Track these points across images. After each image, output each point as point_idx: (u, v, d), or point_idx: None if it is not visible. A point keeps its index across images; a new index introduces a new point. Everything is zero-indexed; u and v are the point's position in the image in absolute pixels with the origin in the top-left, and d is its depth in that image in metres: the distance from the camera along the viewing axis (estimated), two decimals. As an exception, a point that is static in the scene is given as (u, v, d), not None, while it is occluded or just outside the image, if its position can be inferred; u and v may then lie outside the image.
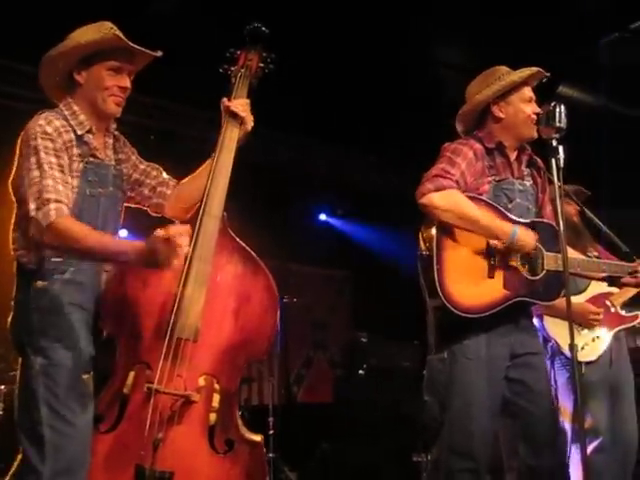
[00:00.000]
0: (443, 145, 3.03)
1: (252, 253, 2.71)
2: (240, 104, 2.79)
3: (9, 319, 2.43)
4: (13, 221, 2.45)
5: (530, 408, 2.91)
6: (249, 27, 2.96)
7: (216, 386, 2.55)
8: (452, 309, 2.77)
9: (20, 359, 2.41)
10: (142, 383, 2.48)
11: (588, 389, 3.47)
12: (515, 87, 3.03)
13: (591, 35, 5.36)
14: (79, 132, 2.50)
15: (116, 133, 2.70)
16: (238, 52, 2.94)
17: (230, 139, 2.76)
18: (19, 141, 2.46)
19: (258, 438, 2.63)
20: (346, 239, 7.98)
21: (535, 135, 2.98)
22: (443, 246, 2.84)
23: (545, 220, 3.08)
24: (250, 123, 2.81)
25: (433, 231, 2.85)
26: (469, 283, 2.83)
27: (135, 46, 2.54)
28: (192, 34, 2.54)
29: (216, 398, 2.54)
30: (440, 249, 2.82)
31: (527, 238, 2.86)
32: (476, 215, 2.83)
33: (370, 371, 6.19)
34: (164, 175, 2.83)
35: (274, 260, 2.79)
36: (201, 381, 2.53)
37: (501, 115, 3.03)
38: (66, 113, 2.51)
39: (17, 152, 2.46)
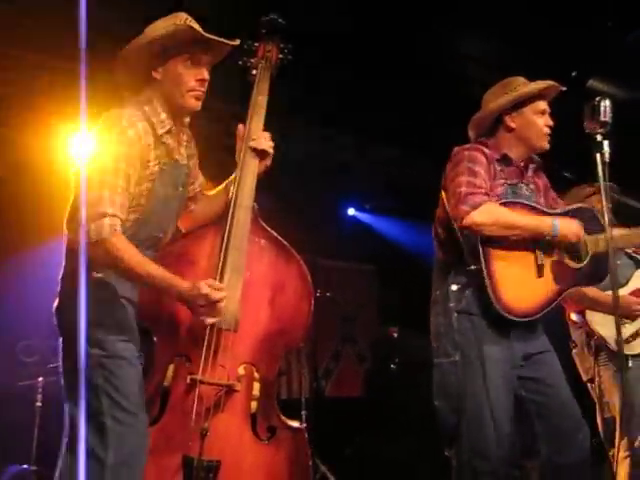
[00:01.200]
0: (454, 151, 3.04)
1: (284, 242, 2.74)
2: (265, 138, 2.76)
3: (55, 306, 2.40)
4: (70, 208, 2.37)
5: (548, 403, 2.90)
6: (265, 19, 2.98)
7: (256, 375, 2.59)
8: (511, 317, 2.79)
9: (63, 347, 2.37)
10: (183, 375, 2.51)
11: (635, 382, 3.46)
12: (529, 99, 3.05)
13: (620, 29, 5.31)
14: (159, 132, 2.45)
15: (186, 128, 2.64)
16: (256, 44, 2.96)
17: (249, 168, 2.72)
18: (96, 129, 2.40)
19: (298, 424, 2.67)
20: (374, 233, 7.97)
21: (546, 147, 3.03)
22: (490, 258, 2.84)
23: (576, 205, 3.10)
24: (271, 157, 2.78)
25: (477, 245, 2.84)
26: (522, 288, 2.85)
27: (211, 36, 2.48)
28: (220, 27, 2.55)
29: (256, 386, 2.57)
30: (488, 262, 2.83)
31: (570, 228, 2.89)
32: (518, 221, 2.85)
33: (401, 366, 6.18)
34: (200, 188, 2.80)
35: (302, 254, 2.80)
36: (241, 370, 2.56)
37: (513, 125, 3.05)
38: (146, 108, 2.46)
39: (92, 140, 2.39)
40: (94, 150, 2.36)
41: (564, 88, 3.11)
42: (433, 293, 3.06)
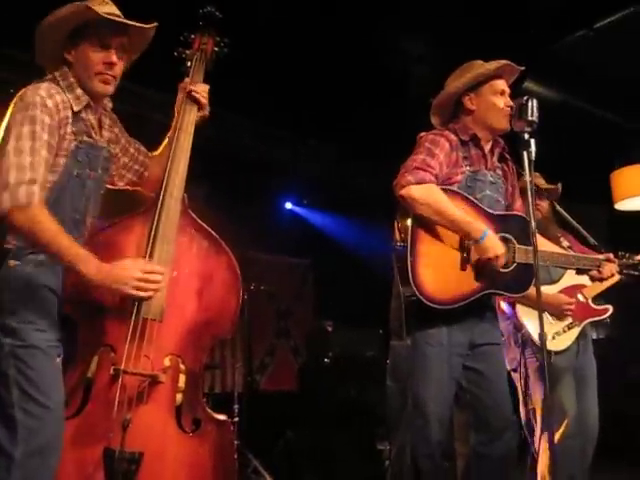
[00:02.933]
0: (419, 134, 3.06)
1: (213, 233, 2.71)
2: (202, 89, 2.80)
3: None
4: None
5: (484, 397, 2.96)
6: (202, 11, 2.98)
7: (181, 366, 2.56)
8: (423, 300, 2.80)
9: None
10: (107, 366, 2.46)
11: (556, 378, 3.53)
12: (486, 79, 3.08)
13: (558, 32, 5.44)
14: (76, 108, 2.41)
15: (109, 111, 2.62)
16: (192, 36, 2.96)
17: (188, 122, 2.77)
18: (12, 106, 2.34)
19: (224, 417, 2.64)
20: (311, 228, 8.00)
21: (507, 127, 3.02)
22: (418, 238, 2.87)
23: (517, 213, 3.13)
24: (207, 109, 2.82)
25: (408, 222, 2.88)
26: (441, 275, 2.87)
27: (112, 18, 2.42)
28: (156, 15, 2.54)
29: (182, 378, 2.54)
30: (415, 241, 2.86)
31: (493, 245, 2.87)
32: (452, 213, 2.87)
33: (335, 360, 6.22)
34: (147, 158, 2.81)
35: (239, 248, 2.80)
36: (166, 361, 2.53)
37: (472, 107, 3.09)
38: (62, 84, 2.41)
39: (7, 118, 2.33)
40: (17, 120, 2.29)
41: (522, 68, 3.13)
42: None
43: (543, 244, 3.13)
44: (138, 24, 2.50)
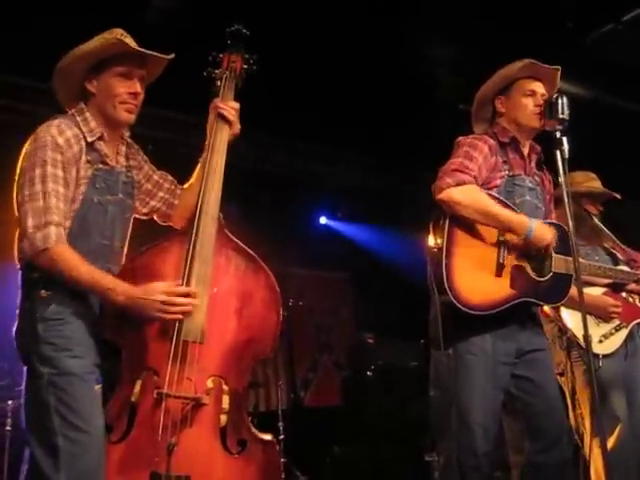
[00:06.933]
0: (457, 139, 3.04)
1: (251, 252, 2.70)
2: (232, 107, 2.81)
3: (14, 328, 2.40)
4: (19, 230, 2.39)
5: (536, 404, 2.91)
6: (230, 29, 2.99)
7: (224, 387, 2.54)
8: (458, 305, 2.76)
9: (25, 369, 2.37)
10: (150, 390, 2.46)
11: (606, 382, 3.45)
12: (514, 81, 3.08)
13: (583, 27, 5.37)
14: (89, 139, 2.47)
15: (129, 140, 2.68)
16: (221, 55, 2.97)
17: (221, 141, 2.78)
18: (27, 144, 2.42)
19: (270, 437, 2.62)
20: (347, 241, 7.97)
21: (537, 125, 3.00)
22: (453, 242, 2.83)
23: (554, 221, 3.08)
24: (238, 127, 2.83)
25: (444, 227, 2.84)
26: (476, 280, 2.83)
27: (142, 49, 2.50)
28: (182, 39, 2.56)
29: (225, 399, 2.53)
30: (450, 245, 2.82)
31: (545, 234, 2.85)
32: (496, 210, 2.84)
33: (377, 372, 6.18)
34: (174, 185, 2.84)
35: (276, 265, 2.78)
36: (209, 383, 2.52)
37: (502, 110, 3.09)
38: (78, 119, 2.49)
39: (23, 155, 2.41)
40: (30, 162, 2.36)
41: (550, 67, 3.08)
42: None
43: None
44: (163, 56, 2.58)
